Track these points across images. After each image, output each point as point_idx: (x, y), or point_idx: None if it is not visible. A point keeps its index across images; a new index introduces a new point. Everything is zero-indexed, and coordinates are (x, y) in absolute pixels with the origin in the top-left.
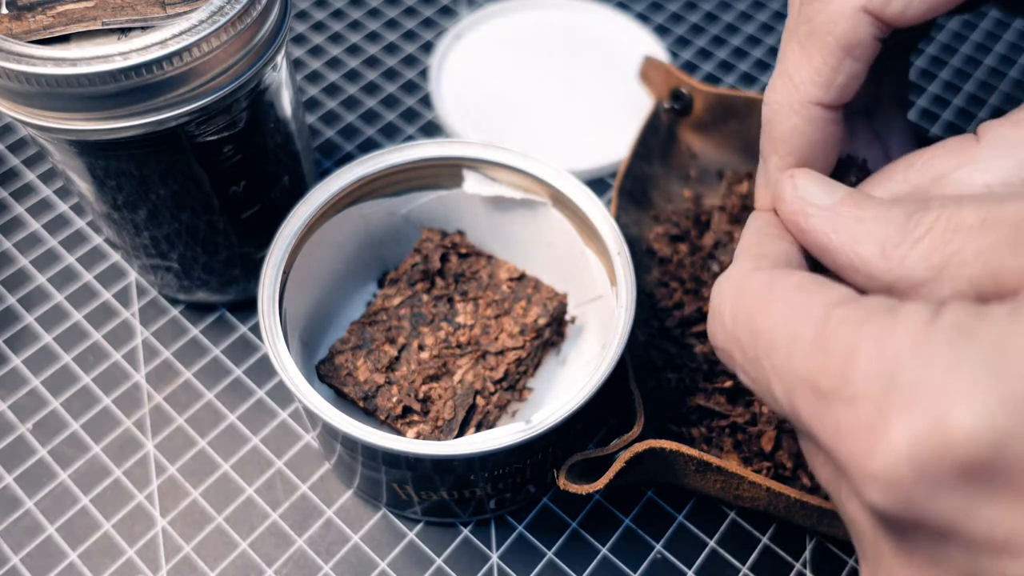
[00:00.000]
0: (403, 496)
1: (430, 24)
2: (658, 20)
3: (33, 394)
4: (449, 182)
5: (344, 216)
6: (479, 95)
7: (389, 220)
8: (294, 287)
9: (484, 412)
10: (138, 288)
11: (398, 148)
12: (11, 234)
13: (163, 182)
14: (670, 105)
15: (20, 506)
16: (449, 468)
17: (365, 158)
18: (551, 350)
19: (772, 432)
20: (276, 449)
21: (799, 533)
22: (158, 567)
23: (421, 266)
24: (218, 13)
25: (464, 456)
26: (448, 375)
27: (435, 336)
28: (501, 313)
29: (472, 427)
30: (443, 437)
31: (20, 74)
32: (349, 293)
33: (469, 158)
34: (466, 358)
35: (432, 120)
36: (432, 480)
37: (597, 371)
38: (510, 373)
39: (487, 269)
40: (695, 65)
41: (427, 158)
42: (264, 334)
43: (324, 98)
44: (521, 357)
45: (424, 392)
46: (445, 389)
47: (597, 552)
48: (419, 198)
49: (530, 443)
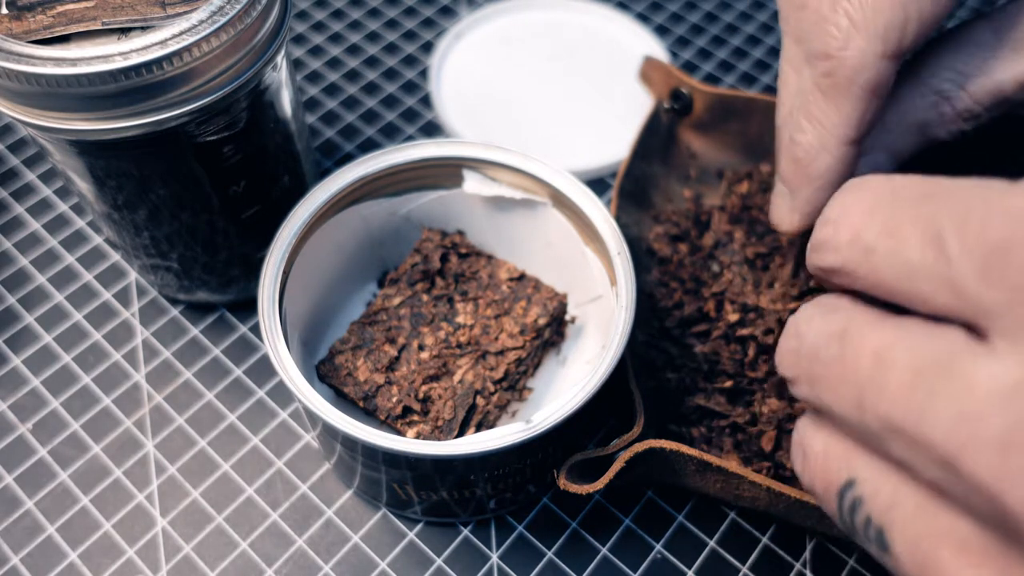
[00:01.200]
0: (403, 496)
1: (430, 24)
2: (658, 20)
3: (33, 394)
4: (449, 182)
5: (344, 216)
6: (479, 95)
7: (389, 220)
8: (294, 287)
9: (484, 412)
10: (138, 288)
11: (398, 148)
12: (11, 234)
13: (163, 182)
14: (670, 105)
15: (20, 506)
16: (449, 468)
17: (365, 158)
18: (551, 350)
19: (772, 432)
20: (276, 449)
21: (799, 533)
22: (158, 567)
23: (421, 266)
24: (218, 13)
25: (464, 456)
26: (448, 375)
27: (435, 336)
28: (501, 313)
29: (472, 427)
30: (443, 437)
31: (20, 74)
32: (349, 293)
33: (469, 158)
34: (466, 358)
35: (432, 120)
36: (432, 480)
37: (597, 371)
38: (510, 373)
39: (487, 269)
40: (695, 65)
41: (427, 158)
42: (264, 334)
43: (324, 98)
44: (521, 357)
45: (424, 392)
46: (445, 389)
47: (597, 552)
48: (419, 198)
49: (530, 443)
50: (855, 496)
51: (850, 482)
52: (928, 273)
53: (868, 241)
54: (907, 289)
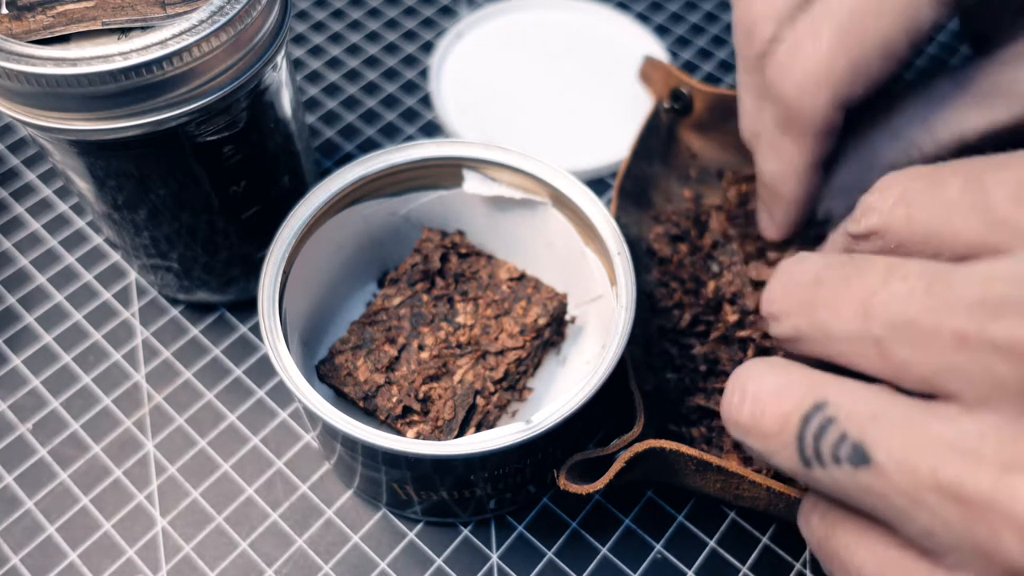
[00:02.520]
0: (403, 496)
1: (430, 24)
2: (658, 20)
3: (33, 394)
4: (449, 182)
5: (344, 216)
6: (479, 95)
7: (389, 220)
8: (294, 287)
9: (484, 412)
10: (138, 288)
11: (398, 148)
12: (11, 234)
13: (163, 182)
14: (670, 105)
15: (20, 506)
16: (449, 468)
17: (365, 158)
18: (551, 350)
19: None
20: (276, 449)
21: (799, 533)
22: (158, 567)
23: (421, 266)
24: (218, 13)
25: (464, 456)
26: (448, 375)
27: (435, 336)
28: (501, 313)
29: (472, 427)
30: (443, 437)
31: (20, 74)
32: (349, 293)
33: (469, 158)
34: (466, 358)
35: (432, 120)
36: (432, 480)
37: (597, 371)
38: (510, 373)
39: (487, 269)
40: (695, 65)
41: (427, 158)
42: (264, 334)
43: (324, 98)
44: (521, 357)
45: (424, 392)
46: (445, 389)
47: (597, 552)
48: (419, 198)
49: (530, 443)
50: (825, 417)
51: (818, 405)
52: (966, 205)
53: (912, 194)
54: (941, 227)
